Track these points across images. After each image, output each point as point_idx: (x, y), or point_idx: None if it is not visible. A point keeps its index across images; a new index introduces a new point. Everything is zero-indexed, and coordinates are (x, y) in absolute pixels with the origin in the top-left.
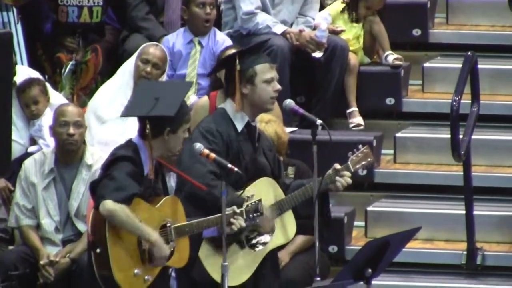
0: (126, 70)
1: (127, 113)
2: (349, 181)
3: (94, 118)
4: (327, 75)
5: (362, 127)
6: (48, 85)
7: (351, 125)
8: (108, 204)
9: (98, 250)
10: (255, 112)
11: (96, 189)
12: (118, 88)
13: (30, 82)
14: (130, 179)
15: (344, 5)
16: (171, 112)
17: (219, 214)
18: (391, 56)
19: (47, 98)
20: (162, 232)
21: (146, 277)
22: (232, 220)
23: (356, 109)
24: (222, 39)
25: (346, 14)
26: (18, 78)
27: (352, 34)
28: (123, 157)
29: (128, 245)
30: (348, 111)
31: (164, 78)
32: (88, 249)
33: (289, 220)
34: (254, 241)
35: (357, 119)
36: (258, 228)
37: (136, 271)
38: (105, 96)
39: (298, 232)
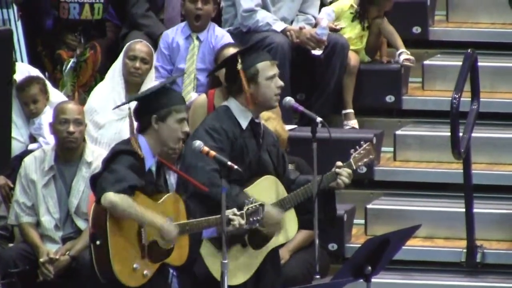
0: (116, 71)
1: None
2: (351, 178)
3: (91, 124)
4: (327, 73)
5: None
6: (47, 83)
7: (345, 128)
8: (110, 196)
9: (98, 242)
10: (259, 110)
11: (97, 183)
12: (111, 90)
13: (29, 81)
14: (130, 171)
15: (350, 4)
16: (146, 92)
17: (219, 215)
18: (403, 56)
19: (47, 96)
20: None
21: (145, 272)
22: (231, 216)
23: (352, 111)
24: (221, 34)
25: (350, 10)
26: (18, 76)
27: (354, 34)
28: (122, 151)
29: (128, 239)
30: (344, 112)
31: (152, 72)
32: (90, 244)
33: (291, 219)
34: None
35: (352, 122)
36: (263, 231)
37: (135, 265)
38: (99, 101)
39: (305, 227)
